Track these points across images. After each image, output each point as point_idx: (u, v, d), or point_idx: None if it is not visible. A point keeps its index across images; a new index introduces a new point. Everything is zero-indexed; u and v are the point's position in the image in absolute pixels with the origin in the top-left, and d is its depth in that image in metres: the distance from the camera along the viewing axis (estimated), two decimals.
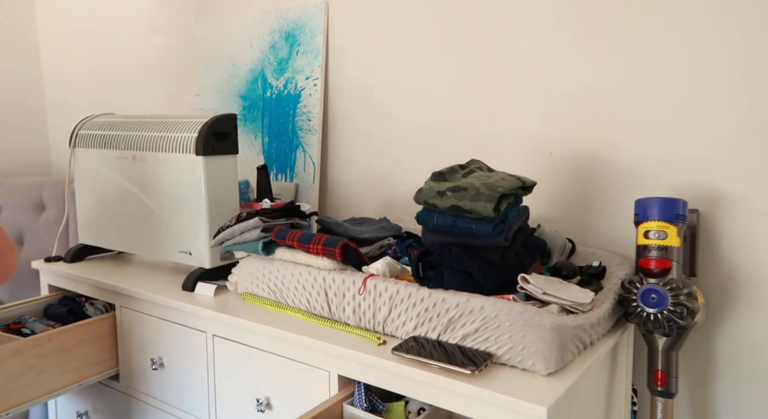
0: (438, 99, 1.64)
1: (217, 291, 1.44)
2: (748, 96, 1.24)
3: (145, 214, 1.58)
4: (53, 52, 2.69)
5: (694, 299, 1.15)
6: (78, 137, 1.73)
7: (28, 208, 2.23)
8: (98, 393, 1.69)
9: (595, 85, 1.41)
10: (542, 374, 1.00)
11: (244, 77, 2.01)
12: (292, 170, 1.89)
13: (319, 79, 1.83)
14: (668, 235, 1.17)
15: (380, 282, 1.16)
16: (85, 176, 1.72)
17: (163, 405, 1.52)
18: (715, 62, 1.27)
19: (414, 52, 1.67)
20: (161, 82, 2.31)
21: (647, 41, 1.33)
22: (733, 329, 1.31)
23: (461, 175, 1.25)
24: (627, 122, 1.38)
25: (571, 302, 1.07)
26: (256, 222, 1.33)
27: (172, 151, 1.49)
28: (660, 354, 1.21)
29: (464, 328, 1.06)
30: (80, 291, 1.66)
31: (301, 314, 1.28)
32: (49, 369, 1.45)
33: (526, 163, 1.53)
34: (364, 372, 1.11)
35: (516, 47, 1.51)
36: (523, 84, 1.51)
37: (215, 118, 1.46)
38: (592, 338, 1.11)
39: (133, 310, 1.54)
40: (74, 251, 1.77)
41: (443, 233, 1.18)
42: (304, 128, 1.86)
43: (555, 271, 1.25)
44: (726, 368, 1.32)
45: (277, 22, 1.92)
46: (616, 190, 1.41)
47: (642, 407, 1.41)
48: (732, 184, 1.28)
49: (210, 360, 1.38)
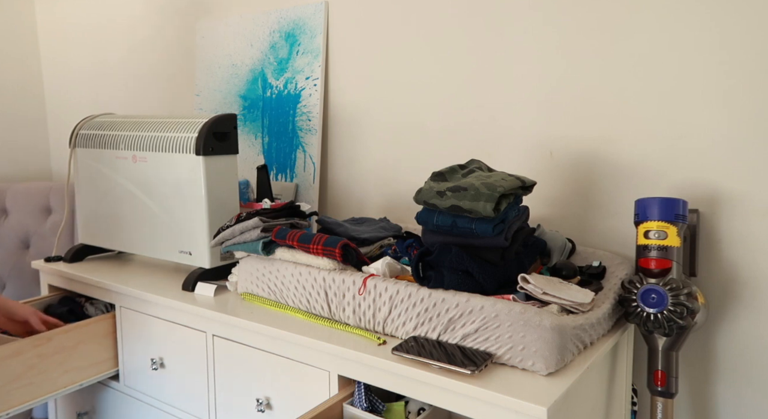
0: (438, 99, 1.64)
1: (217, 291, 1.44)
2: (749, 96, 1.24)
3: (145, 214, 1.58)
4: (53, 53, 2.69)
5: (694, 299, 1.15)
6: (78, 137, 1.73)
7: (35, 212, 2.31)
8: (98, 393, 1.69)
9: (595, 85, 1.41)
10: (542, 374, 1.00)
11: (244, 77, 2.01)
12: (292, 170, 1.89)
13: (319, 79, 1.83)
14: (668, 235, 1.17)
15: (380, 282, 1.16)
16: (85, 176, 1.72)
17: (163, 405, 1.52)
18: (715, 62, 1.27)
19: (414, 52, 1.67)
20: (161, 82, 2.31)
21: (647, 41, 1.33)
22: (733, 329, 1.31)
23: (461, 175, 1.25)
24: (627, 122, 1.38)
25: (571, 302, 1.07)
26: (256, 222, 1.33)
27: (172, 151, 1.49)
28: (660, 354, 1.21)
29: (464, 328, 1.06)
30: (80, 291, 1.66)
31: (301, 314, 1.28)
32: (49, 369, 1.45)
33: (526, 163, 1.53)
34: (364, 372, 1.11)
35: (516, 47, 1.51)
36: (523, 84, 1.51)
37: (215, 118, 1.46)
38: (592, 338, 1.11)
39: (133, 310, 1.54)
40: (74, 251, 1.77)
41: (443, 233, 1.18)
42: (304, 128, 1.86)
43: (555, 271, 1.25)
44: (726, 368, 1.32)
45: (277, 22, 1.92)
46: (616, 190, 1.41)
47: (642, 407, 1.41)
48: (732, 184, 1.27)
49: (210, 360, 1.38)
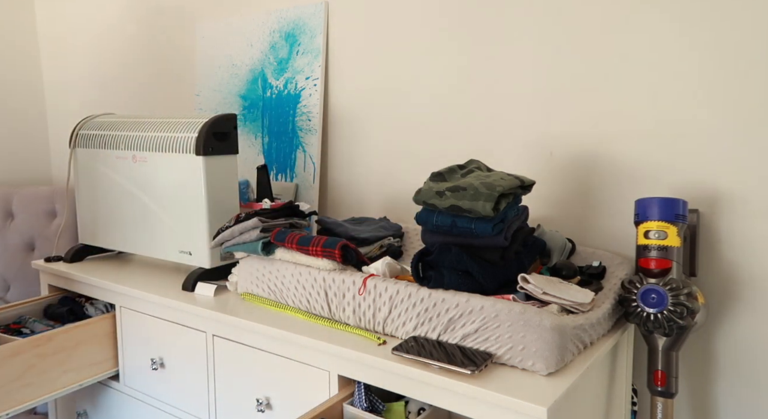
0: (438, 99, 1.64)
1: (217, 291, 1.44)
2: (748, 96, 1.24)
3: (145, 214, 1.58)
4: (53, 53, 2.69)
5: (694, 299, 1.15)
6: (78, 137, 1.73)
7: (40, 215, 2.36)
8: (98, 393, 1.69)
9: (596, 85, 1.41)
10: (542, 374, 1.00)
11: (244, 77, 2.01)
12: (292, 170, 1.89)
13: (319, 79, 1.83)
14: (668, 235, 1.17)
15: (380, 282, 1.16)
16: (85, 176, 1.72)
17: (163, 405, 1.52)
18: (715, 62, 1.27)
19: (414, 52, 1.67)
20: (161, 82, 2.31)
21: (647, 41, 1.33)
22: (733, 329, 1.31)
23: (460, 175, 1.25)
24: (627, 122, 1.38)
25: (571, 302, 1.07)
26: (255, 223, 1.33)
27: (172, 151, 1.49)
28: (660, 354, 1.21)
29: (464, 328, 1.06)
30: (80, 291, 1.66)
31: (301, 314, 1.28)
32: (49, 369, 1.45)
33: (526, 163, 1.53)
34: (364, 372, 1.11)
35: (516, 47, 1.51)
36: (523, 84, 1.51)
37: (215, 118, 1.46)
38: (592, 338, 1.11)
39: (133, 310, 1.54)
40: (74, 251, 1.77)
41: (443, 233, 1.18)
42: (304, 128, 1.86)
43: (555, 271, 1.25)
44: (726, 368, 1.32)
45: (277, 22, 1.92)
46: (616, 190, 1.41)
47: (642, 407, 1.41)
48: (732, 184, 1.27)
49: (210, 360, 1.38)
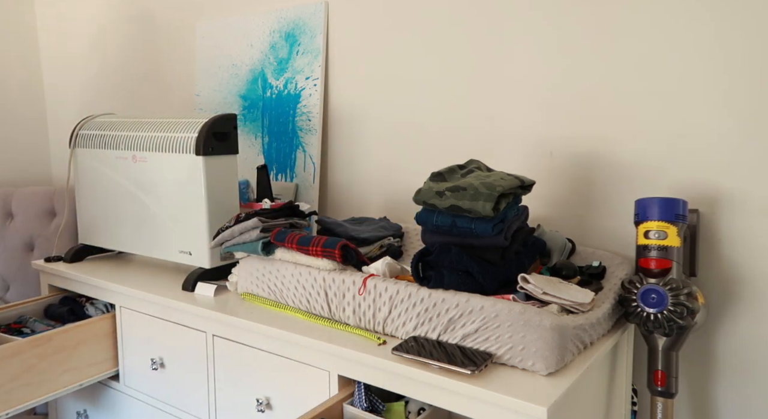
0: (438, 99, 1.64)
1: (217, 291, 1.44)
2: (748, 96, 1.24)
3: (145, 214, 1.58)
4: (53, 53, 2.69)
5: (694, 299, 1.15)
6: (78, 137, 1.73)
7: (40, 215, 2.36)
8: (98, 393, 1.69)
9: (596, 85, 1.41)
10: (542, 374, 1.00)
11: (244, 77, 2.01)
12: (292, 170, 1.89)
13: (319, 79, 1.83)
14: (668, 235, 1.17)
15: (380, 282, 1.16)
16: (85, 176, 1.72)
17: (163, 405, 1.52)
18: (715, 62, 1.27)
19: (414, 52, 1.67)
20: (161, 82, 2.31)
21: (647, 41, 1.33)
22: (734, 329, 1.31)
23: (460, 175, 1.25)
24: (627, 122, 1.38)
25: (571, 302, 1.07)
26: (255, 223, 1.33)
27: (172, 151, 1.49)
28: (660, 354, 1.21)
29: (464, 328, 1.06)
30: (80, 291, 1.66)
31: (301, 314, 1.28)
32: (49, 369, 1.45)
33: (526, 163, 1.53)
34: (364, 372, 1.11)
35: (516, 47, 1.51)
36: (523, 84, 1.51)
37: (215, 118, 1.46)
38: (592, 338, 1.11)
39: (133, 310, 1.54)
40: (74, 251, 1.77)
41: (443, 233, 1.18)
42: (304, 128, 1.86)
43: (555, 271, 1.25)
44: (726, 368, 1.32)
45: (277, 22, 1.92)
46: (616, 190, 1.41)
47: (642, 407, 1.41)
48: (732, 184, 1.27)
49: (210, 360, 1.38)
